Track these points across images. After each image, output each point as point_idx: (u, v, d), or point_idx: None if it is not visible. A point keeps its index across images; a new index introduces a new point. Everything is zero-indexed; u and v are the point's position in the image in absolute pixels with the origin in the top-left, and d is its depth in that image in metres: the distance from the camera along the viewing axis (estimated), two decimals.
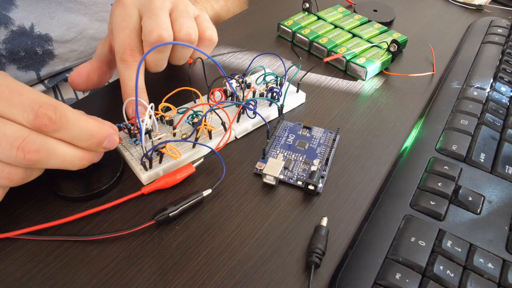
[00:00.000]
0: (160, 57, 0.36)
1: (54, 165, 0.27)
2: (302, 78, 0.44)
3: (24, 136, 0.25)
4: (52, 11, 0.41)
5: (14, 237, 0.29)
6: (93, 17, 0.45)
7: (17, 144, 0.24)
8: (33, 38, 0.40)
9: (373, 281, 0.26)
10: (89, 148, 0.28)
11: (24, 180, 0.27)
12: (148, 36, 0.33)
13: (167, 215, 0.30)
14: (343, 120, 0.40)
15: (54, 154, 0.26)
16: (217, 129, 0.36)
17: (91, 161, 0.29)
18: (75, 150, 0.27)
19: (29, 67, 0.42)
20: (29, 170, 0.27)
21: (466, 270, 0.26)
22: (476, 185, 0.32)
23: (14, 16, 0.39)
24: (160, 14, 0.34)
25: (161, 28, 0.33)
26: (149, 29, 0.33)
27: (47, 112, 0.25)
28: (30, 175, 0.27)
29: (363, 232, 0.29)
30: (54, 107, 0.25)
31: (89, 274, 0.27)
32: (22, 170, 0.26)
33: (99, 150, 0.30)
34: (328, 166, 0.34)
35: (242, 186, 0.33)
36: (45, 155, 0.25)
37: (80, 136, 0.27)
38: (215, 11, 0.59)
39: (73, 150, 0.27)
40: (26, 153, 0.25)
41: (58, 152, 0.26)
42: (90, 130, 0.28)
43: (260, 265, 0.28)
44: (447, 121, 0.38)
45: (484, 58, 0.46)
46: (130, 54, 0.33)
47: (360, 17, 0.52)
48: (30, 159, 0.25)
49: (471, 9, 0.59)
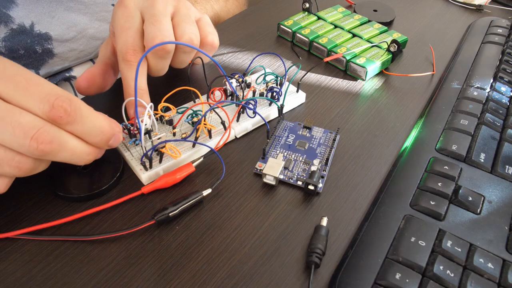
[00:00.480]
0: (162, 63, 0.36)
1: (63, 158, 0.27)
2: (302, 78, 0.44)
3: (39, 126, 0.25)
4: (53, 10, 0.41)
5: (14, 237, 0.29)
6: (93, 16, 0.45)
7: (31, 134, 0.25)
8: (33, 37, 0.40)
9: (373, 281, 0.26)
10: (98, 144, 0.29)
11: (32, 171, 0.27)
12: (150, 43, 0.33)
13: (167, 215, 0.30)
14: (343, 120, 0.40)
15: (65, 147, 0.27)
16: (217, 128, 0.36)
17: (96, 157, 0.30)
18: (84, 145, 0.28)
19: (29, 66, 0.41)
20: (38, 162, 0.27)
21: (466, 270, 0.26)
22: (476, 185, 0.32)
23: (14, 14, 0.39)
24: (163, 20, 0.34)
25: (164, 35, 0.33)
26: (151, 36, 0.33)
27: (63, 104, 0.25)
28: (38, 166, 0.28)
29: (363, 232, 0.29)
30: (69, 99, 0.26)
31: (89, 274, 0.27)
32: (31, 160, 0.26)
33: (105, 147, 0.30)
34: (328, 166, 0.34)
35: (242, 186, 0.33)
36: (57, 147, 0.26)
37: (92, 131, 0.28)
38: (215, 12, 0.59)
39: (83, 145, 0.28)
40: (39, 144, 0.25)
41: (69, 145, 0.27)
42: (102, 126, 0.28)
43: (260, 265, 0.28)
44: (447, 121, 0.38)
45: (484, 58, 0.46)
46: (133, 54, 0.34)
47: (360, 17, 0.52)
48: (42, 150, 0.25)
49: (471, 9, 0.59)
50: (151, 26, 0.34)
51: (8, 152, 0.25)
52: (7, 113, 0.25)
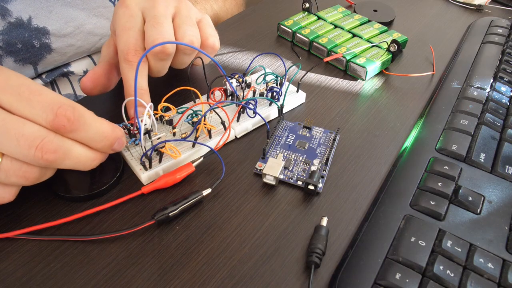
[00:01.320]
0: (162, 65, 0.36)
1: (68, 165, 0.27)
2: (302, 78, 0.44)
3: (43, 136, 0.25)
4: (50, 5, 0.41)
5: (14, 237, 0.29)
6: (90, 12, 0.45)
7: (35, 144, 0.25)
8: (30, 31, 0.40)
9: (373, 281, 0.26)
10: (102, 150, 0.29)
11: (39, 180, 0.28)
12: (151, 45, 0.33)
13: (167, 215, 0.30)
14: (343, 120, 0.40)
15: (70, 155, 0.27)
16: (217, 128, 0.36)
17: (100, 162, 0.30)
18: (88, 151, 0.28)
19: (26, 60, 0.41)
20: (44, 170, 0.27)
21: (466, 270, 0.26)
22: (476, 185, 0.32)
23: (12, 8, 0.39)
24: (164, 22, 0.34)
25: (165, 38, 0.34)
26: (152, 38, 0.33)
27: (66, 113, 0.26)
28: (45, 174, 0.28)
29: (363, 232, 0.29)
30: (72, 107, 0.26)
31: (89, 274, 0.27)
32: (38, 169, 0.27)
33: (109, 152, 0.30)
34: (328, 166, 0.34)
35: (242, 186, 0.33)
36: (61, 155, 0.26)
37: (95, 137, 0.28)
38: (215, 12, 0.59)
39: (87, 151, 0.28)
40: (44, 153, 0.25)
41: (74, 153, 0.27)
42: (105, 132, 0.28)
43: (260, 265, 0.28)
44: (447, 121, 0.38)
45: (484, 58, 0.46)
46: (135, 54, 0.34)
47: (360, 17, 0.52)
48: (47, 159, 0.26)
49: (471, 9, 0.59)
50: (152, 28, 0.34)
51: (15, 162, 0.26)
52: (11, 124, 0.25)
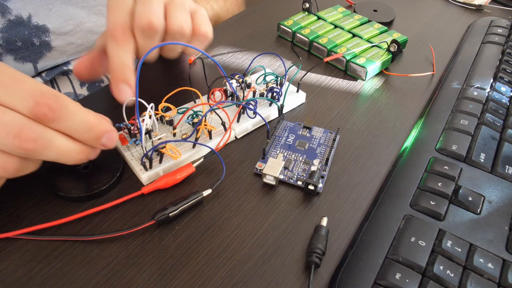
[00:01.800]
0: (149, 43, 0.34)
1: (50, 157, 0.26)
2: (302, 78, 0.44)
3: (22, 124, 0.24)
4: (50, 3, 0.41)
5: (14, 237, 0.29)
6: (90, 10, 0.45)
7: (14, 131, 0.24)
8: (30, 29, 0.40)
9: (373, 281, 0.26)
10: (87, 142, 0.28)
11: (19, 172, 0.26)
12: (138, 21, 0.32)
13: (167, 215, 0.30)
14: (343, 120, 0.40)
15: (51, 145, 0.26)
16: (217, 129, 0.36)
17: (88, 157, 0.29)
18: (72, 143, 0.27)
19: (26, 58, 0.41)
20: (25, 162, 0.26)
21: (466, 270, 0.26)
22: (476, 185, 0.32)
23: (11, 6, 0.39)
24: (154, 2, 0.33)
25: (152, 13, 0.32)
26: (139, 13, 0.32)
27: (47, 101, 0.25)
28: (26, 167, 0.27)
29: (363, 232, 0.29)
30: (54, 96, 0.25)
31: (89, 274, 0.27)
32: (17, 160, 0.26)
33: (97, 146, 0.29)
34: (328, 166, 0.34)
35: (242, 186, 0.33)
36: (41, 145, 0.25)
37: (79, 128, 0.27)
38: (215, 11, 0.59)
39: (71, 143, 0.27)
40: (22, 142, 0.24)
41: (55, 144, 0.26)
42: (90, 122, 0.27)
43: (260, 265, 0.28)
44: (447, 121, 0.38)
45: (484, 58, 0.46)
46: (122, 32, 0.32)
47: (360, 17, 0.52)
48: (26, 148, 0.24)
49: (471, 9, 0.59)
50: (141, 6, 0.32)
51: None
52: None
